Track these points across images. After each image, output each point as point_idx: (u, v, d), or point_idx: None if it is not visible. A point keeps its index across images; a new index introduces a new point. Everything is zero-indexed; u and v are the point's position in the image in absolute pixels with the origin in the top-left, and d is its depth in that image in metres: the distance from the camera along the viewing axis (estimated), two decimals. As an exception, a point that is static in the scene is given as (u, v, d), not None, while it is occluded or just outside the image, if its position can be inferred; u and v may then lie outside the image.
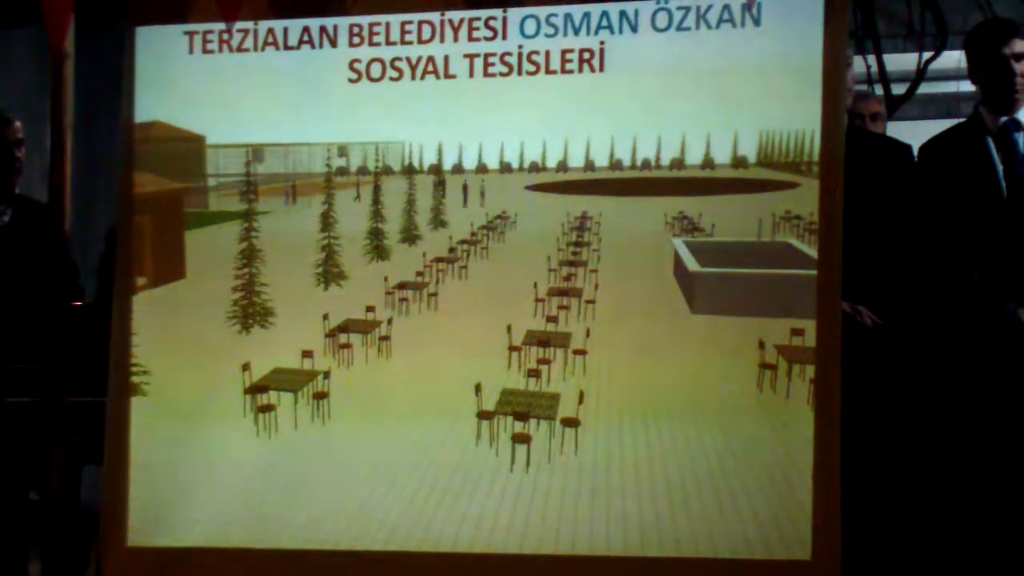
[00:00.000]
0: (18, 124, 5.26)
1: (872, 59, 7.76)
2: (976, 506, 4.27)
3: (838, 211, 3.91)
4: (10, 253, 5.07)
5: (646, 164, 4.18)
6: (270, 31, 4.41)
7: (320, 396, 4.31)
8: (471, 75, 4.28)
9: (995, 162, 4.43)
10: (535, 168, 4.28)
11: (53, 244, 4.32)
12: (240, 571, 4.26)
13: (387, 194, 4.38)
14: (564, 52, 4.21)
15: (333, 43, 4.37)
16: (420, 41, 4.31)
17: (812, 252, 3.96)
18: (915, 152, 4.61)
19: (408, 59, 4.32)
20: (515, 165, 4.28)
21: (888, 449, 4.28)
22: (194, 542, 4.28)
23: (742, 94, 4.07)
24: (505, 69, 4.25)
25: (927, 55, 7.80)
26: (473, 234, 4.35)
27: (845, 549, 3.83)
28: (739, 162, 4.10)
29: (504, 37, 4.26)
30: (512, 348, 4.21)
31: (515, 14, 4.25)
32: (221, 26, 4.42)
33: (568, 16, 4.21)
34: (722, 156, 4.12)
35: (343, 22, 4.37)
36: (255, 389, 4.34)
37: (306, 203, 4.43)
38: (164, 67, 4.46)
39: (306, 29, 4.39)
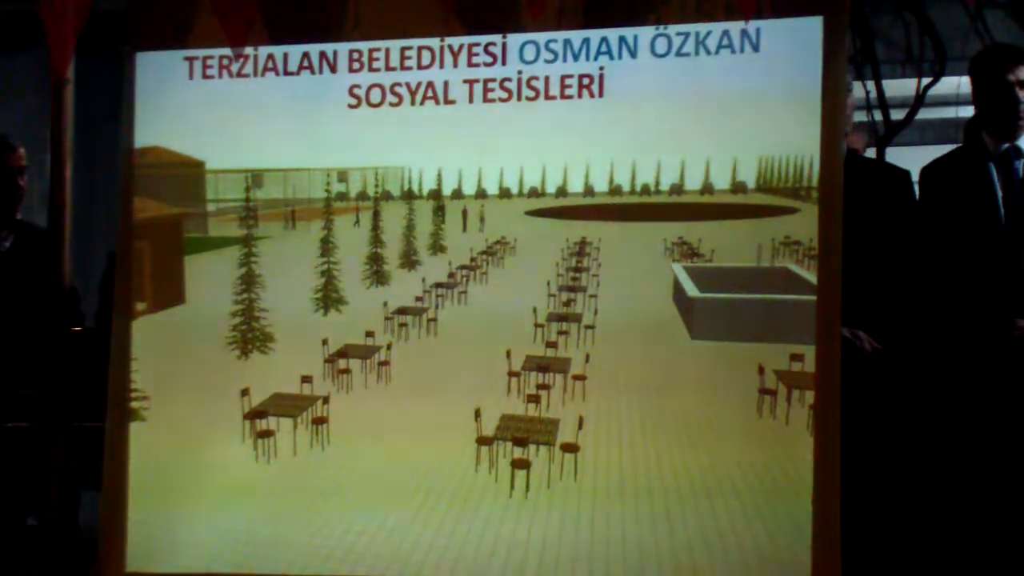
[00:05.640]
0: (22, 151, 5.27)
1: (871, 84, 7.78)
2: (978, 532, 4.26)
3: (837, 237, 3.90)
4: (11, 278, 5.07)
5: (645, 189, 4.19)
6: (270, 57, 4.42)
7: (319, 421, 4.31)
8: (471, 100, 4.29)
9: (995, 188, 4.43)
10: (534, 193, 4.28)
11: (52, 269, 4.33)
12: (239, 597, 4.25)
13: (386, 219, 4.38)
14: (563, 78, 4.22)
15: (333, 69, 4.38)
16: (420, 66, 4.32)
17: (811, 277, 3.96)
18: (914, 177, 4.61)
19: (408, 84, 4.33)
20: (514, 190, 4.28)
21: (889, 475, 4.27)
22: (193, 568, 4.27)
23: (741, 119, 4.07)
24: (505, 94, 4.26)
25: (926, 80, 7.82)
26: (472, 259, 4.35)
27: (845, 574, 3.82)
28: (738, 187, 4.11)
29: (504, 63, 4.27)
30: (511, 373, 4.21)
31: (515, 40, 4.26)
32: (221, 51, 4.44)
33: (567, 42, 4.22)
34: (721, 181, 4.12)
35: (343, 48, 4.38)
36: (254, 414, 4.34)
37: (305, 228, 4.43)
38: (164, 92, 4.48)
39: (306, 55, 4.40)
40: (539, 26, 4.22)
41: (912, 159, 4.91)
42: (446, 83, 4.31)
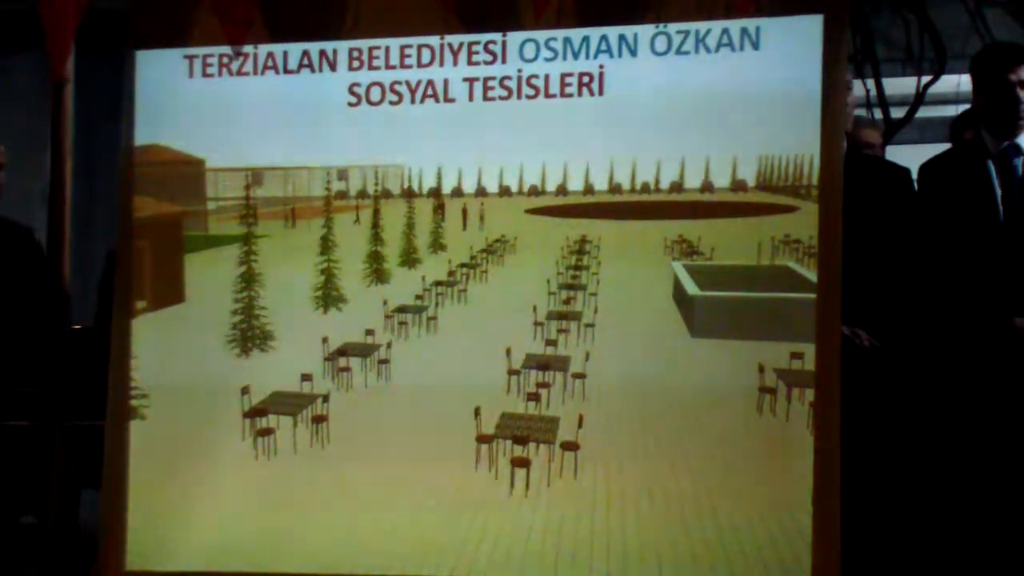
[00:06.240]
0: (2, 148, 5.25)
1: (871, 83, 7.78)
2: (978, 531, 4.26)
3: (837, 235, 3.91)
4: None
5: (645, 188, 4.19)
6: (270, 55, 4.42)
7: (319, 420, 4.30)
8: (471, 99, 4.29)
9: (994, 186, 4.43)
10: (534, 192, 4.28)
11: (52, 269, 4.33)
12: (239, 595, 4.26)
13: (386, 218, 4.38)
14: (563, 76, 4.22)
15: (333, 67, 4.39)
16: (420, 65, 4.33)
17: (811, 275, 3.96)
18: (913, 175, 4.61)
19: (408, 83, 4.33)
20: (514, 189, 4.28)
21: (889, 472, 4.27)
22: (193, 566, 4.27)
23: (741, 118, 4.08)
24: (505, 93, 4.26)
25: (926, 79, 7.81)
26: (472, 257, 4.35)
27: (845, 574, 3.82)
28: (738, 186, 4.11)
29: (504, 61, 4.27)
30: (511, 372, 4.21)
31: (514, 38, 4.26)
32: (221, 50, 4.44)
33: (567, 40, 4.22)
34: (721, 180, 4.12)
35: (343, 46, 4.38)
36: (254, 413, 4.34)
37: (305, 226, 4.43)
38: (164, 91, 4.48)
39: (306, 53, 4.40)
40: (539, 24, 4.22)
41: (912, 157, 4.90)
42: (446, 81, 4.31)
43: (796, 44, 4.04)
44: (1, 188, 5.30)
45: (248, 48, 4.43)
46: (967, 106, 4.93)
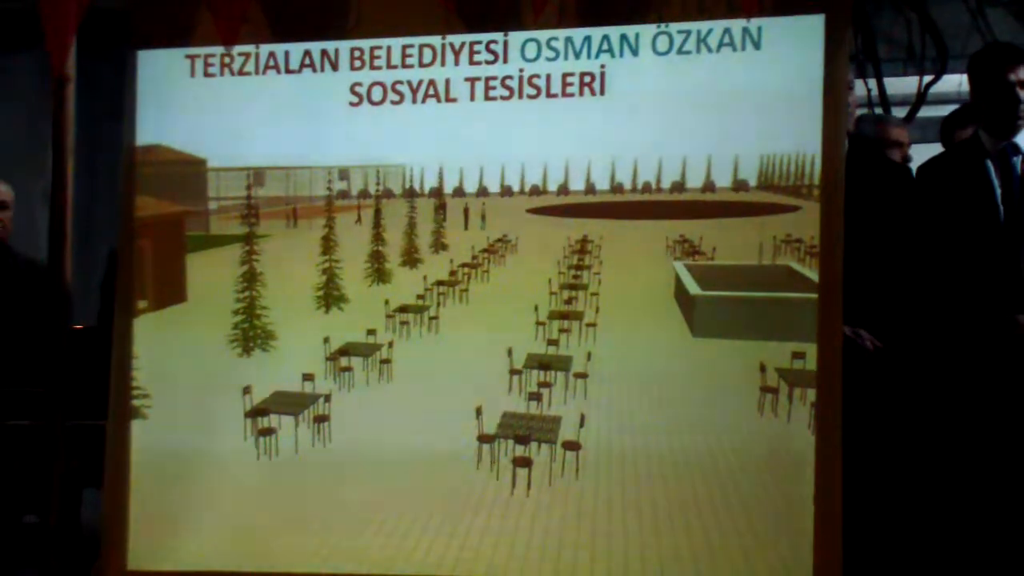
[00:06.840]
0: (3, 188, 5.27)
1: (873, 82, 7.78)
2: (980, 531, 4.25)
3: (839, 234, 3.90)
4: None
5: (647, 187, 4.19)
6: (271, 54, 4.43)
7: (321, 419, 4.31)
8: (472, 98, 4.29)
9: (993, 185, 4.42)
10: (536, 191, 4.28)
11: (54, 268, 4.34)
12: (240, 595, 4.26)
13: (388, 217, 4.38)
14: (565, 76, 4.22)
15: (334, 66, 4.39)
16: (421, 64, 4.33)
17: (813, 275, 3.96)
18: (913, 175, 4.61)
19: (409, 83, 4.33)
20: (516, 188, 4.28)
21: (890, 473, 4.27)
22: (194, 566, 4.27)
23: (743, 117, 4.07)
24: (506, 92, 4.26)
25: (927, 78, 7.82)
26: (474, 257, 4.35)
27: (847, 574, 3.82)
28: (740, 185, 4.11)
29: (505, 61, 4.27)
30: (513, 371, 4.21)
31: (516, 38, 4.26)
32: (222, 50, 4.44)
33: (569, 40, 4.22)
34: (723, 179, 4.12)
35: (344, 46, 4.38)
36: (256, 412, 4.34)
37: (307, 226, 4.43)
38: (166, 90, 4.48)
39: (307, 53, 4.40)
40: (540, 24, 4.22)
41: (913, 157, 4.91)
42: (447, 81, 4.31)
43: (797, 44, 4.04)
44: (8, 226, 5.32)
45: (250, 48, 4.43)
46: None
